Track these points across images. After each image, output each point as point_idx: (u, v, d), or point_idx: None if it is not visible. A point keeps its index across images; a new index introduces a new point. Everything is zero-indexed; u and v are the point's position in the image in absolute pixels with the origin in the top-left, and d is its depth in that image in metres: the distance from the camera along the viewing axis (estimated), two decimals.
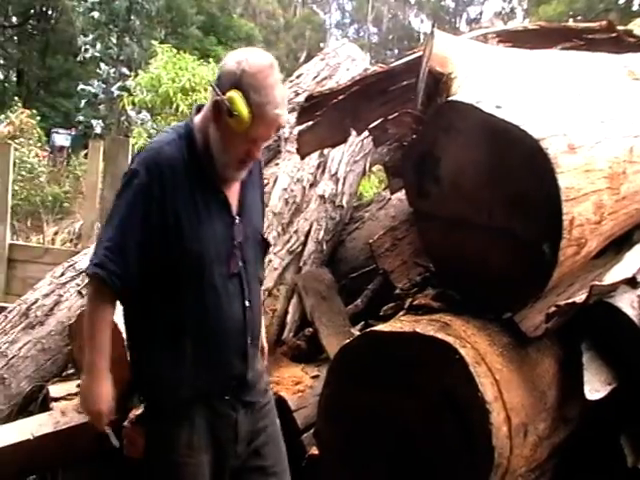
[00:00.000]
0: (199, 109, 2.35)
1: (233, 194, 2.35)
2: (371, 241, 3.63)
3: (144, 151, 2.31)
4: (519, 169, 2.44)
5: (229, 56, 2.26)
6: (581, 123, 2.72)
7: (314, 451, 2.88)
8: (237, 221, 2.32)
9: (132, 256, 2.17)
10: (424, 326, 2.45)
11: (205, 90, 12.85)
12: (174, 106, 12.88)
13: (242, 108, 2.12)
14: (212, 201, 2.28)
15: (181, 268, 2.22)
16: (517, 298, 2.54)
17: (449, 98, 2.82)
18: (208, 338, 2.25)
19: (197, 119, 2.32)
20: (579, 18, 22.26)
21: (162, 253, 2.19)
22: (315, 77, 5.22)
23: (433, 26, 4.03)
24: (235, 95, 2.13)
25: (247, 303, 2.32)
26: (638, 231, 3.26)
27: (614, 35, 4.12)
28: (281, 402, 3.08)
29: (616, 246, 3.05)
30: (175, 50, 14.44)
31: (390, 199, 4.35)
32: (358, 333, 3.14)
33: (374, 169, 5.41)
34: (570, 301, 2.53)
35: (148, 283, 2.22)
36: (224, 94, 2.15)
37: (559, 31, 4.20)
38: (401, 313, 2.87)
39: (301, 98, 4.50)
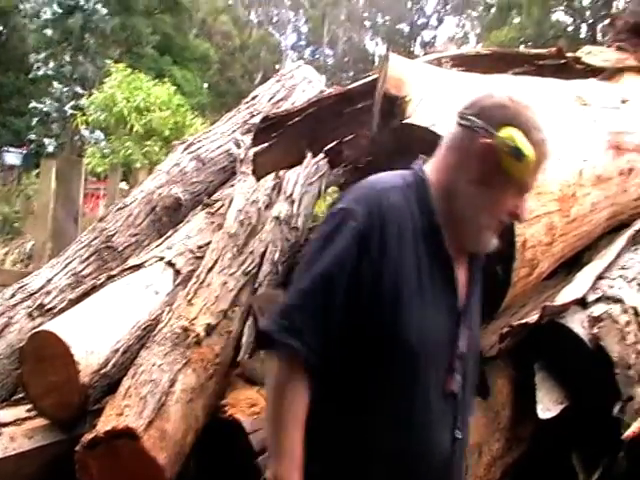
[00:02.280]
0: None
1: (461, 280, 1.76)
2: None
3: (360, 187, 1.75)
4: None
5: (486, 90, 1.81)
6: None
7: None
8: (463, 319, 1.76)
9: (334, 323, 1.61)
10: None
11: (160, 110, 12.80)
12: (128, 126, 12.79)
13: (528, 148, 1.65)
14: (439, 280, 1.70)
15: (384, 362, 1.64)
16: None
17: (404, 121, 2.85)
18: (402, 469, 1.67)
19: (429, 168, 1.78)
20: (530, 44, 22.76)
21: (364, 332, 1.63)
22: (271, 98, 5.23)
23: (388, 49, 4.07)
24: (516, 134, 1.65)
25: (458, 435, 1.72)
26: (588, 252, 3.33)
27: (563, 61, 4.22)
28: (236, 425, 3.05)
29: (567, 267, 3.11)
30: (130, 69, 14.36)
31: None
32: None
33: (330, 191, 5.43)
34: (523, 321, 2.57)
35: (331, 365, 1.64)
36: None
37: (511, 56, 4.27)
38: None
39: (257, 119, 4.51)
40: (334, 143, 3.69)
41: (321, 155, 3.93)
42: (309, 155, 3.88)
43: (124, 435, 2.66)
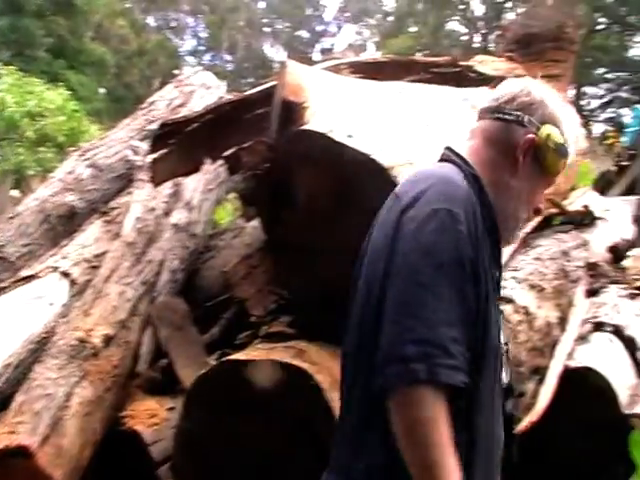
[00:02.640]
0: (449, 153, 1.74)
1: None
2: (226, 269, 3.61)
3: (434, 182, 1.58)
4: (369, 197, 2.50)
5: (519, 85, 1.75)
6: (428, 153, 2.83)
7: None
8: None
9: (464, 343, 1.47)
10: (279, 353, 2.45)
11: (54, 115, 12.42)
12: (20, 132, 12.35)
13: (565, 144, 1.70)
14: (494, 276, 1.65)
15: (481, 364, 1.55)
16: None
17: (302, 127, 2.86)
18: (489, 461, 1.64)
19: (477, 165, 1.69)
20: (426, 52, 23.30)
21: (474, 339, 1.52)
22: (169, 104, 5.16)
23: (287, 56, 4.08)
24: (556, 131, 1.68)
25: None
26: None
27: (457, 70, 4.34)
28: (136, 436, 2.99)
29: None
30: (21, 73, 13.86)
31: (245, 227, 4.35)
32: (214, 362, 3.10)
33: (229, 197, 5.40)
34: None
35: None
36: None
37: (407, 64, 4.36)
38: (256, 341, 2.86)
39: (154, 126, 4.44)
40: (233, 150, 3.67)
41: (220, 162, 3.90)
42: (208, 162, 3.84)
43: (17, 453, 2.56)
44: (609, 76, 29.89)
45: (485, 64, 4.57)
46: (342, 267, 2.58)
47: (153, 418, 3.15)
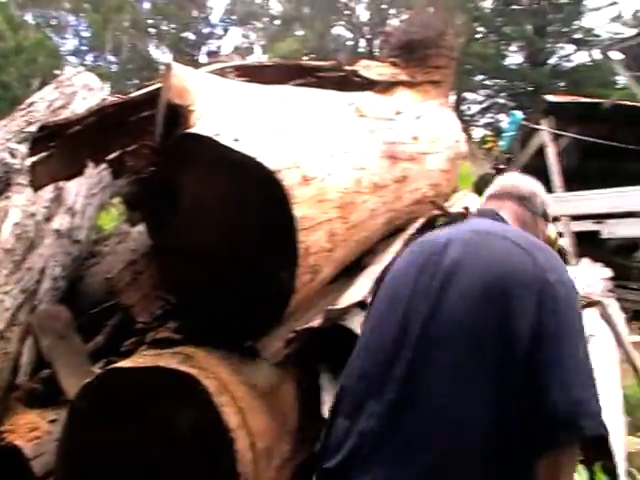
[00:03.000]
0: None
1: None
2: (111, 276, 3.52)
3: (552, 252, 2.00)
4: (257, 200, 2.51)
5: (533, 183, 2.44)
6: (314, 156, 2.86)
7: None
8: None
9: None
10: (166, 359, 2.42)
11: None
12: None
13: None
14: None
15: None
16: (257, 326, 2.60)
17: (188, 130, 2.83)
18: None
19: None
20: (312, 56, 23.52)
21: None
22: (49, 106, 4.98)
23: (173, 58, 4.03)
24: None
25: None
26: (367, 257, 3.49)
27: (342, 74, 4.40)
28: (16, 452, 2.88)
29: (348, 271, 3.24)
30: None
31: (130, 232, 4.27)
32: (99, 371, 3.02)
33: (113, 202, 5.28)
34: (307, 326, 2.64)
35: None
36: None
37: (293, 68, 4.39)
38: (143, 348, 2.81)
39: (34, 128, 4.28)
40: (117, 153, 3.58)
41: (104, 165, 3.81)
42: (91, 165, 3.74)
43: None
44: (487, 83, 31.07)
45: (369, 69, 4.65)
46: (229, 271, 2.58)
47: (34, 432, 3.04)
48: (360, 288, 3.07)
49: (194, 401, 2.31)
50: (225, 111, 2.96)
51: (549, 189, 13.58)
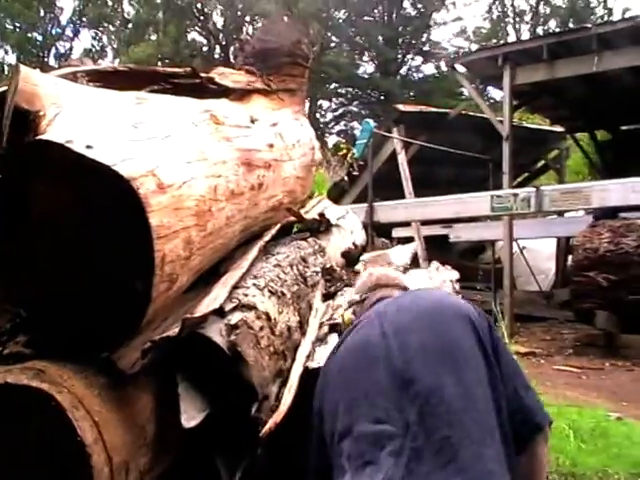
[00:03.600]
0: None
1: None
2: None
3: None
4: (112, 208, 2.47)
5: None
6: (170, 163, 2.84)
7: None
8: None
9: None
10: (16, 375, 2.32)
11: None
12: None
13: None
14: None
15: None
16: (113, 337, 2.55)
17: (38, 137, 2.74)
18: None
19: None
20: (167, 62, 23.20)
21: None
22: None
23: (18, 59, 3.87)
24: None
25: None
26: (224, 264, 3.50)
27: (198, 81, 4.39)
28: None
29: (205, 279, 3.24)
30: None
31: None
32: None
33: None
34: (164, 335, 2.62)
35: None
36: None
37: (147, 74, 4.32)
38: None
39: None
40: None
41: None
42: None
43: None
44: (341, 91, 31.80)
45: (225, 76, 4.67)
46: (83, 282, 2.52)
47: None
48: (217, 296, 3.08)
49: (47, 417, 2.24)
50: (77, 117, 2.89)
51: (401, 195, 14.07)
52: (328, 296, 4.13)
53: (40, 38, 38.47)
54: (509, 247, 12.05)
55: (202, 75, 4.46)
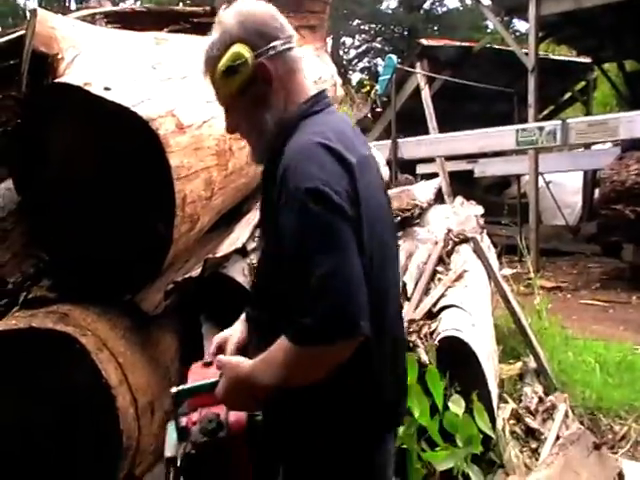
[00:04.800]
0: None
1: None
2: None
3: None
4: (131, 150, 2.46)
5: None
6: (189, 103, 2.82)
7: None
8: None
9: None
10: (41, 319, 2.35)
11: None
12: None
13: None
14: None
15: None
16: (136, 279, 2.57)
17: (56, 80, 2.72)
18: None
19: None
20: (187, 2, 22.86)
21: None
22: None
23: (40, 4, 3.84)
24: None
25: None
26: (247, 203, 3.49)
27: (213, 20, 4.32)
28: None
29: (227, 219, 3.23)
30: None
31: None
32: None
33: None
34: (187, 276, 2.63)
35: None
36: None
37: (167, 14, 4.28)
38: (15, 309, 2.72)
39: None
40: None
41: None
42: None
43: None
44: (364, 27, 31.20)
45: None
46: (104, 224, 2.53)
47: None
48: (239, 235, 3.08)
49: (72, 360, 2.27)
50: (96, 59, 2.87)
51: (425, 131, 13.91)
52: None
53: None
54: (535, 181, 11.90)
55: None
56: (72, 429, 2.33)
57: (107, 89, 2.52)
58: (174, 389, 1.75)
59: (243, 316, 2.01)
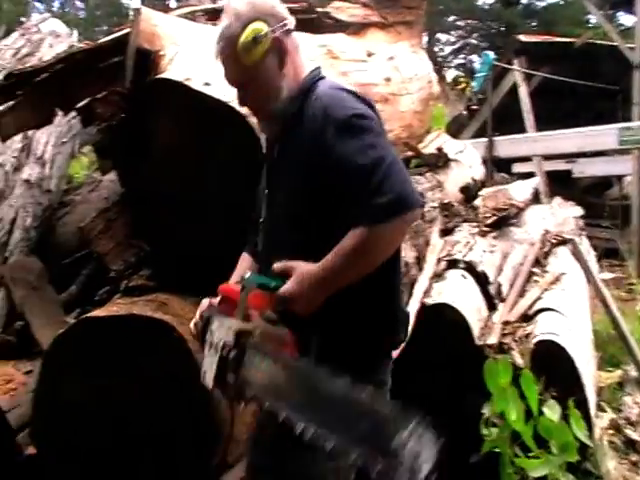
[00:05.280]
0: None
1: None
2: (83, 224, 3.50)
3: None
4: (228, 145, 2.49)
5: None
6: None
7: (31, 450, 2.72)
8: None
9: None
10: (141, 307, 2.42)
11: None
12: None
13: None
14: None
15: None
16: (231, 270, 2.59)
17: (158, 76, 2.79)
18: None
19: None
20: None
21: None
22: (15, 54, 4.90)
23: (142, 2, 3.95)
24: None
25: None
26: None
27: (314, 16, 4.35)
28: None
29: None
30: None
31: (102, 180, 4.22)
32: (73, 321, 3.02)
33: (84, 150, 5.21)
34: None
35: None
36: None
37: None
38: (117, 296, 2.80)
39: (0, 76, 4.21)
40: (86, 100, 3.53)
41: (73, 113, 3.75)
42: (60, 113, 3.68)
43: None
44: (460, 23, 30.78)
45: (341, 11, 4.60)
46: (202, 216, 2.57)
47: (9, 383, 3.04)
48: None
49: (169, 348, 2.32)
50: (196, 56, 2.92)
51: (521, 129, 13.60)
52: (446, 232, 4.07)
53: None
54: (638, 182, 11.49)
55: (318, 10, 4.42)
56: (168, 415, 2.38)
57: (207, 84, 2.57)
58: (248, 274, 1.79)
59: (245, 260, 2.16)
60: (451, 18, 30.35)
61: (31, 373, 3.06)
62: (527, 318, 3.64)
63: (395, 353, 2.06)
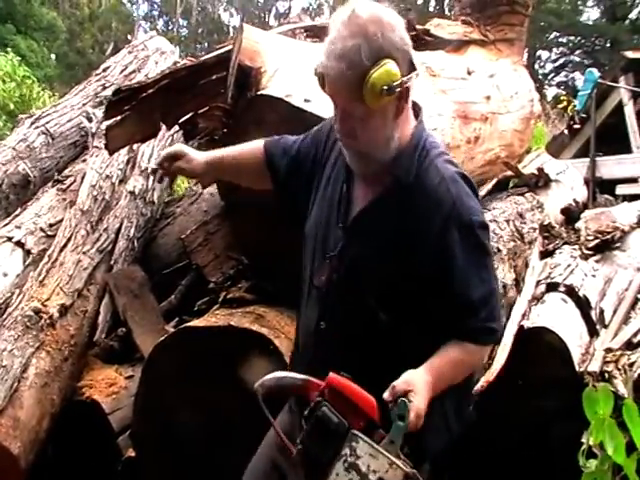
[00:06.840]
0: None
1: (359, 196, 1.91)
2: (183, 236, 3.59)
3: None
4: None
5: None
6: None
7: (131, 453, 2.81)
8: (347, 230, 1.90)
9: None
10: (238, 319, 2.46)
11: (4, 82, 12.09)
12: None
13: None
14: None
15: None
16: None
17: (259, 92, 2.83)
18: (300, 340, 2.05)
19: None
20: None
21: None
22: (123, 70, 5.08)
23: (242, 20, 4.02)
24: None
25: (322, 325, 1.91)
26: None
27: (413, 33, 4.32)
28: (94, 406, 2.98)
29: None
30: None
31: (202, 193, 4.31)
32: (172, 330, 3.10)
33: None
34: None
35: None
36: None
37: None
38: (215, 307, 2.85)
39: (108, 92, 4.36)
40: (189, 115, 3.62)
41: (176, 127, 3.85)
42: (163, 128, 3.79)
43: None
44: (562, 40, 30.10)
45: (441, 28, 4.56)
46: (298, 233, 2.59)
47: (112, 387, 3.14)
48: None
49: (266, 360, 2.34)
50: (296, 72, 2.95)
51: (627, 149, 13.16)
52: (546, 254, 3.96)
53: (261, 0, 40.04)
54: None
55: (418, 27, 4.39)
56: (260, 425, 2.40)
57: (307, 101, 2.59)
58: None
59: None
60: (553, 35, 29.71)
61: (132, 378, 3.16)
62: (631, 346, 3.49)
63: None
